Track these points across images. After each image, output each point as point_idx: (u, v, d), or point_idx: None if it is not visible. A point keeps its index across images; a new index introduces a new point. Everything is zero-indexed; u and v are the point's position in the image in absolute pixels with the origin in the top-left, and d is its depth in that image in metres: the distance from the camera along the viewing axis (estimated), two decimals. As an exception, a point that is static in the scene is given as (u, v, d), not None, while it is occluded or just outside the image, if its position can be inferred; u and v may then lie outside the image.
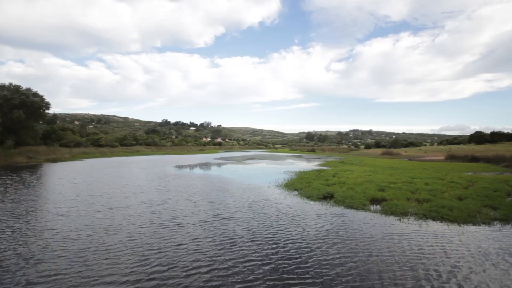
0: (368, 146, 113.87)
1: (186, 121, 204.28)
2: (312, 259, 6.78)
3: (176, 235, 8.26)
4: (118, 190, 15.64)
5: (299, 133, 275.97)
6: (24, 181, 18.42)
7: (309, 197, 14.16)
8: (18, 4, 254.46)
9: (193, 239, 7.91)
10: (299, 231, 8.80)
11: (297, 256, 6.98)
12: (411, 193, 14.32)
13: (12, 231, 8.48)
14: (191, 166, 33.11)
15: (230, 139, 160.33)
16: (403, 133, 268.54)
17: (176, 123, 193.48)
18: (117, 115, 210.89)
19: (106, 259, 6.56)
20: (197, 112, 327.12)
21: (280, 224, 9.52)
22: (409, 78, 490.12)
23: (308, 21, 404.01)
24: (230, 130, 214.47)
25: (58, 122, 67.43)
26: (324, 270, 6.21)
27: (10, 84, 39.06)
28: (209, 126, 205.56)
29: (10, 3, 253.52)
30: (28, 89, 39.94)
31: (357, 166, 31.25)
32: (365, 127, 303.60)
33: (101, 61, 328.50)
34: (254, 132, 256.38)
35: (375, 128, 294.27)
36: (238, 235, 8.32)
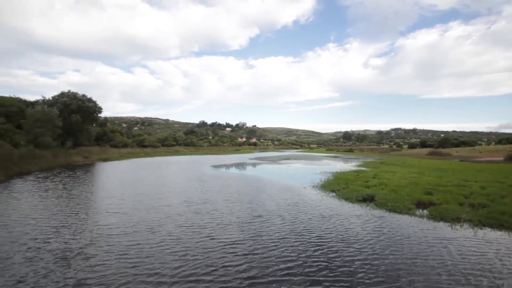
0: (412, 146, 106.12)
1: (222, 122, 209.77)
2: (355, 265, 6.51)
3: (216, 235, 8.41)
4: (160, 189, 16.60)
5: (336, 132, 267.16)
6: (79, 179, 20.48)
7: (347, 199, 13.64)
8: (74, 19, 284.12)
9: (233, 241, 7.90)
10: (341, 235, 8.46)
11: (342, 262, 6.75)
12: (464, 198, 13.02)
13: (65, 226, 9.46)
14: (228, 166, 33.91)
15: (265, 139, 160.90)
16: (453, 131, 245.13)
17: (213, 124, 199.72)
18: (159, 117, 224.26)
19: (148, 256, 6.84)
20: (232, 113, 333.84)
21: (321, 227, 9.27)
22: (460, 71, 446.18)
23: (344, 17, 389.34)
24: (264, 130, 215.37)
25: (108, 124, 73.74)
26: (370, 276, 5.93)
27: (69, 91, 43.76)
28: (244, 127, 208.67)
29: (67, 17, 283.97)
30: (84, 96, 44.35)
31: (400, 167, 29.31)
32: (408, 126, 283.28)
33: (145, 68, 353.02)
34: (289, 132, 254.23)
35: (420, 126, 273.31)
36: (278, 238, 8.20)
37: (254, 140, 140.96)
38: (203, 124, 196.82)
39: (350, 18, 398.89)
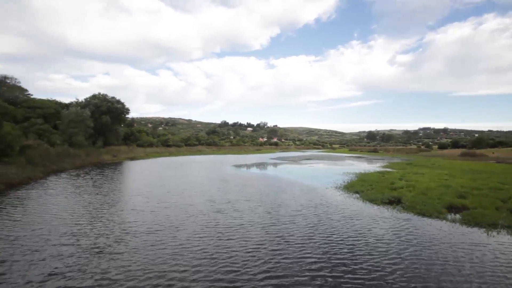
0: (442, 146, 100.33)
1: (243, 122, 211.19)
2: (382, 270, 6.28)
3: (238, 236, 8.35)
4: (183, 188, 17.04)
5: (359, 132, 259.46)
6: (109, 177, 21.54)
7: (372, 200, 13.20)
8: (104, 24, 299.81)
9: (256, 242, 7.80)
10: (366, 238, 8.24)
11: (367, 265, 6.55)
12: (501, 202, 12.12)
13: (93, 222, 9.97)
14: (249, 166, 34.10)
15: (286, 139, 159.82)
16: (489, 130, 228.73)
17: (234, 124, 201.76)
18: (182, 117, 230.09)
19: (173, 254, 7.04)
20: (253, 113, 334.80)
21: (345, 229, 9.08)
22: (497, 66, 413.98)
23: (368, 13, 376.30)
24: (286, 130, 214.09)
25: (135, 125, 76.89)
26: (397, 281, 5.69)
27: (100, 93, 46.20)
28: (265, 127, 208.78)
29: (97, 23, 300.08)
30: (113, 97, 46.62)
31: (429, 169, 27.85)
32: (438, 125, 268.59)
33: (169, 69, 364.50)
34: (311, 131, 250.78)
35: (451, 125, 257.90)
36: (301, 239, 8.08)
37: (275, 140, 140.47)
38: (224, 124, 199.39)
39: (375, 14, 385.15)
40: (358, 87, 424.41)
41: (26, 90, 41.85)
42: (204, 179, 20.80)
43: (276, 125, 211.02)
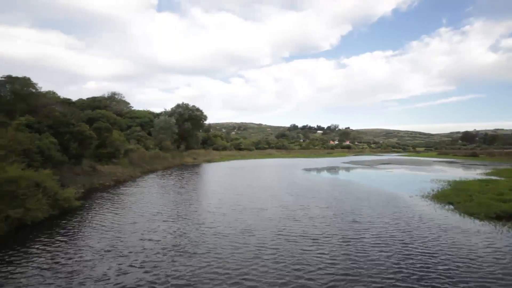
0: None
1: (313, 124, 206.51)
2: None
3: (311, 247, 7.73)
4: (255, 191, 17.61)
5: (451, 133, 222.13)
6: (190, 178, 23.97)
7: (472, 214, 11.09)
8: (186, 41, 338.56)
9: (331, 256, 7.08)
10: (466, 262, 6.89)
11: None
12: None
13: (172, 221, 11.12)
14: (320, 170, 33.09)
15: (360, 142, 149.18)
16: None
17: (303, 127, 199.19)
18: (253, 122, 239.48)
19: (245, 260, 7.10)
20: (323, 115, 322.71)
21: (437, 248, 7.79)
22: None
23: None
24: (359, 132, 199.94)
25: (211, 130, 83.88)
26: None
27: (182, 103, 52.19)
28: (336, 129, 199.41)
29: (181, 41, 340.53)
30: (193, 106, 52.06)
31: (557, 178, 21.80)
32: None
33: (240, 77, 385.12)
34: (388, 133, 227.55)
35: None
36: (381, 256, 7.04)
37: (347, 143, 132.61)
38: (294, 127, 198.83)
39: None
40: (449, 81, 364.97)
41: (128, 103, 50.62)
42: (275, 182, 21.11)
43: (348, 127, 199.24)
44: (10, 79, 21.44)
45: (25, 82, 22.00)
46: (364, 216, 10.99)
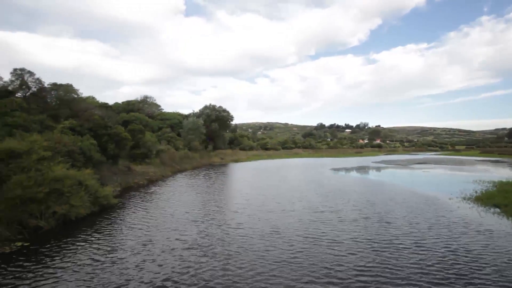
0: None
1: (341, 123, 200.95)
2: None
3: (341, 254, 7.27)
4: (283, 192, 17.47)
5: (496, 129, 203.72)
6: (218, 177, 24.43)
7: (523, 219, 10.08)
8: (212, 44, 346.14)
9: (362, 265, 6.49)
10: None
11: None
12: None
13: (200, 220, 11.35)
14: (349, 170, 32.07)
15: (392, 141, 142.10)
16: None
17: (331, 126, 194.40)
18: (279, 121, 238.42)
19: (275, 262, 7.10)
20: (351, 113, 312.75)
21: (483, 258, 7.16)
22: None
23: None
24: (390, 130, 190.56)
25: (237, 130, 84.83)
26: None
27: (210, 104, 53.34)
28: (366, 127, 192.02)
29: (207, 44, 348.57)
30: (220, 107, 52.96)
31: None
32: None
33: (266, 77, 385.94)
34: (423, 131, 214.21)
35: None
36: (417, 268, 6.31)
37: (378, 141, 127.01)
38: (321, 126, 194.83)
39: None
40: (493, 73, 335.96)
41: (159, 106, 52.81)
42: (302, 183, 20.83)
43: (378, 125, 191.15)
44: (55, 86, 23.38)
45: (68, 88, 23.87)
46: (400, 220, 10.43)
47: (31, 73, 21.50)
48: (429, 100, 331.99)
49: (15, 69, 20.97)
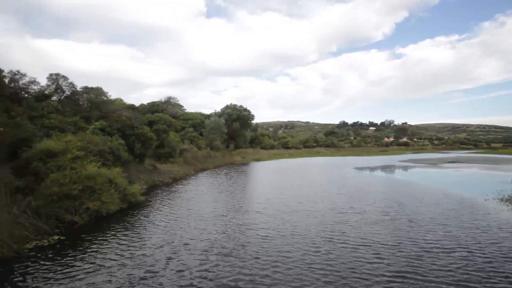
0: None
1: (365, 121, 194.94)
2: None
3: (365, 261, 6.82)
4: (305, 191, 17.23)
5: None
6: (239, 176, 24.62)
7: None
8: (232, 44, 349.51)
9: (395, 271, 6.04)
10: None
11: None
12: None
13: (220, 220, 11.44)
14: (375, 169, 31.03)
15: (420, 139, 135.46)
16: None
17: (354, 124, 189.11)
18: (300, 120, 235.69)
19: (293, 268, 6.95)
20: (376, 110, 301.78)
21: None
22: None
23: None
24: (418, 127, 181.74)
25: (259, 129, 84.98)
26: None
27: (231, 104, 53.89)
28: (391, 125, 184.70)
29: (228, 44, 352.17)
30: (241, 106, 53.34)
31: None
32: None
33: (286, 75, 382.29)
34: (455, 128, 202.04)
35: None
36: (457, 279, 5.74)
37: (404, 139, 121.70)
38: (343, 124, 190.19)
39: None
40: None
41: (182, 106, 54.16)
42: (325, 182, 20.46)
43: (405, 123, 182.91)
44: (86, 90, 24.81)
45: (98, 91, 25.22)
46: (431, 223, 9.85)
47: (65, 78, 22.97)
48: (461, 95, 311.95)
49: (50, 74, 22.52)
